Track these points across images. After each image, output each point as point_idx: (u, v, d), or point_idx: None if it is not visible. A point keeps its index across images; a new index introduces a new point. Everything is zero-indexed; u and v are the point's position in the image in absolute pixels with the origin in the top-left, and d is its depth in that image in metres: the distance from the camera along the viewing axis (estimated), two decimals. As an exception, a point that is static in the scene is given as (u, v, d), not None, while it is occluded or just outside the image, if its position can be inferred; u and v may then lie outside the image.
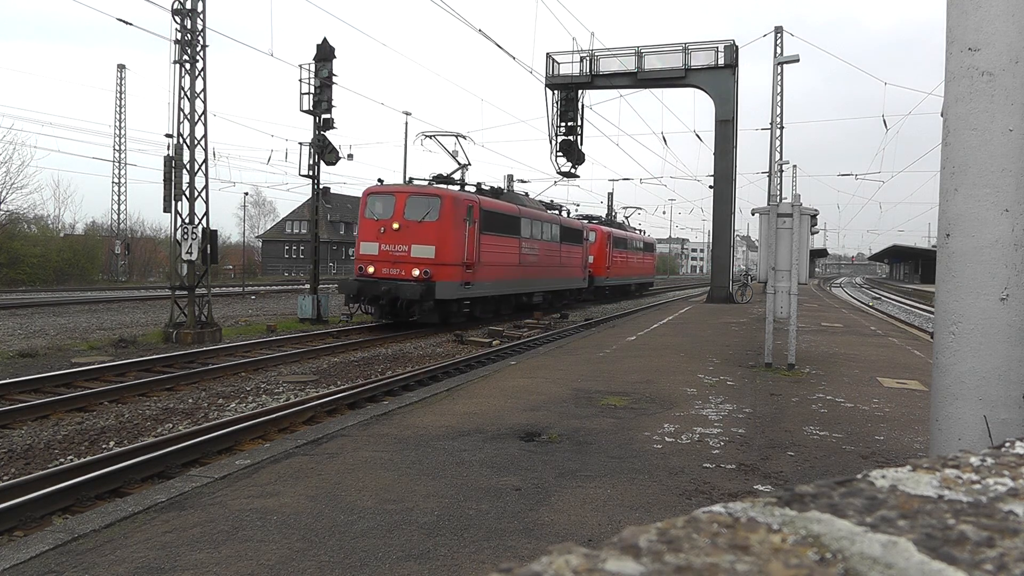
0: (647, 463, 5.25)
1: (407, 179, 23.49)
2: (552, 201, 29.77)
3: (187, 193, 16.45)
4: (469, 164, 23.03)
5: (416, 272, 18.26)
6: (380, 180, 20.48)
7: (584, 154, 30.51)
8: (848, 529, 0.54)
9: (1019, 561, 0.49)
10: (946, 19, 3.20)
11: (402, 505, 4.25)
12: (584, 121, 29.95)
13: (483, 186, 23.35)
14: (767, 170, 30.40)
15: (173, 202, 16.32)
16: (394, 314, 18.50)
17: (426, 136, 22.54)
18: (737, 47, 26.41)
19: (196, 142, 16.53)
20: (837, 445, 5.94)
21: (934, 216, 3.98)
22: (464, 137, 22.61)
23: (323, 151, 21.13)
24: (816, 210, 10.28)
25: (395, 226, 18.73)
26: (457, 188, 21.53)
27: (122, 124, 50.91)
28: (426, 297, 17.88)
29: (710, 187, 29.12)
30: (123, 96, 50.85)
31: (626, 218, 47.83)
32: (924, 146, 28.65)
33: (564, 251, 28.18)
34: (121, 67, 51.38)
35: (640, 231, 48.12)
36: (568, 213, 32.49)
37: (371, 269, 18.81)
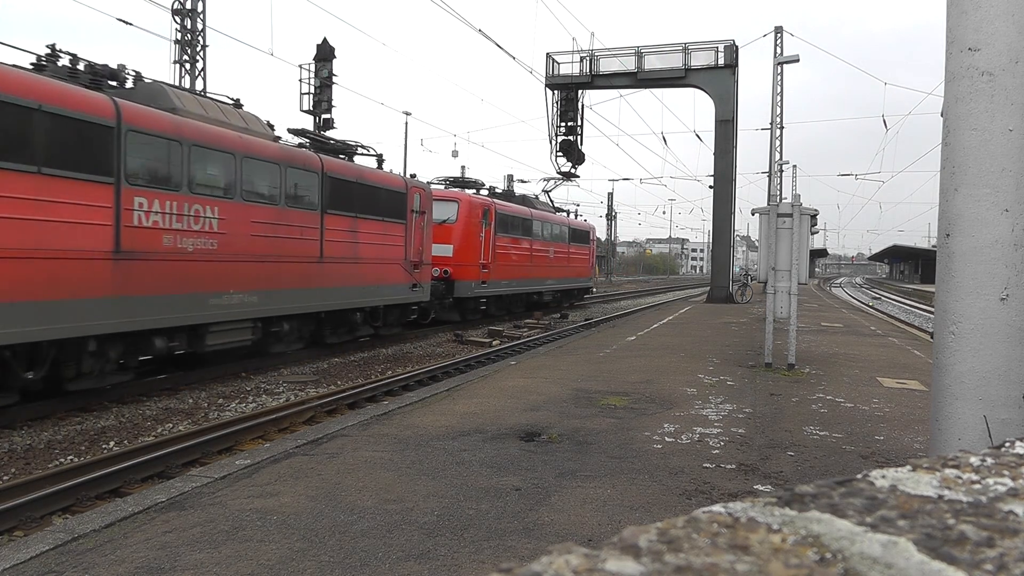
0: (647, 463, 5.25)
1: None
2: (352, 143, 15.77)
3: (187, 193, 16.39)
4: None
5: None
6: None
7: (584, 154, 30.50)
8: (848, 529, 0.54)
9: (1019, 561, 0.49)
10: (946, 19, 3.20)
11: (402, 505, 4.25)
12: (584, 121, 29.95)
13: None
14: (767, 170, 30.41)
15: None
16: None
17: None
18: (737, 47, 26.41)
19: (196, 142, 16.48)
20: (837, 445, 5.94)
21: (934, 216, 3.98)
22: None
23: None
24: (816, 210, 10.28)
25: None
26: None
27: (122, 124, 50.83)
28: None
29: (710, 187, 29.12)
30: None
31: (546, 192, 31.08)
32: (924, 146, 28.69)
33: (344, 232, 14.03)
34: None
35: (568, 212, 33.01)
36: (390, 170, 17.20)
37: None
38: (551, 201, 30.92)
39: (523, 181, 45.75)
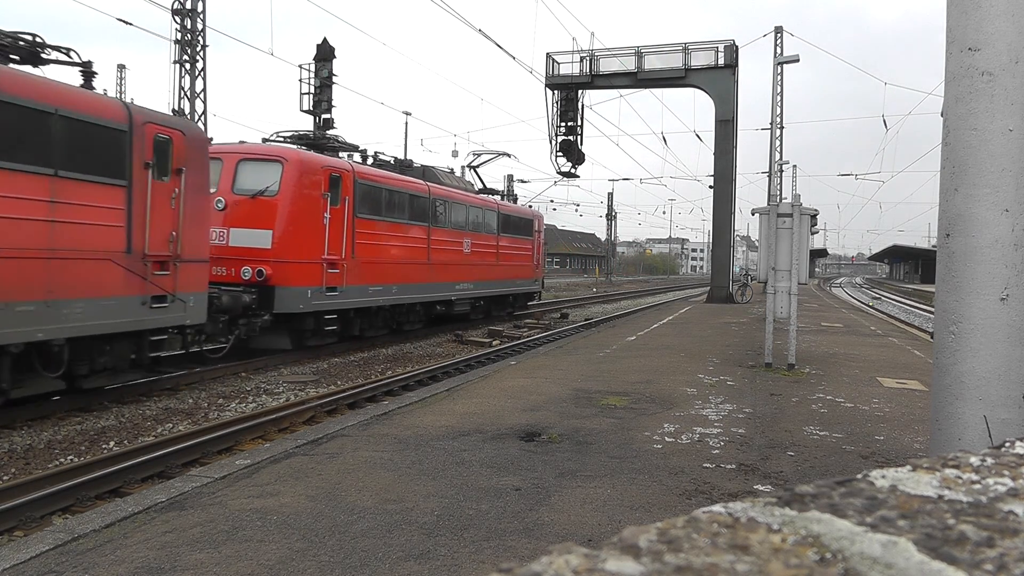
0: (647, 463, 5.25)
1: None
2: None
3: (187, 193, 16.32)
4: None
5: None
6: None
7: (584, 154, 30.52)
8: (848, 529, 0.54)
9: (1019, 561, 0.49)
10: (946, 19, 3.20)
11: (402, 505, 4.25)
12: (584, 121, 29.95)
13: None
14: (767, 170, 30.41)
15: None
16: None
17: None
18: (737, 47, 26.41)
19: (196, 142, 16.42)
20: (837, 445, 5.94)
21: (934, 216, 3.98)
22: None
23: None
24: (816, 210, 10.28)
25: None
26: None
27: (122, 124, 50.95)
28: None
29: (710, 187, 29.13)
30: (123, 96, 50.92)
31: (471, 167, 24.18)
32: (924, 146, 28.71)
33: None
34: (121, 67, 51.46)
35: (503, 195, 24.97)
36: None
37: None
38: (479, 179, 23.78)
39: (523, 181, 45.61)
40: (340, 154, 15.88)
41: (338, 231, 13.96)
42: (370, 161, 17.14)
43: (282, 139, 15.27)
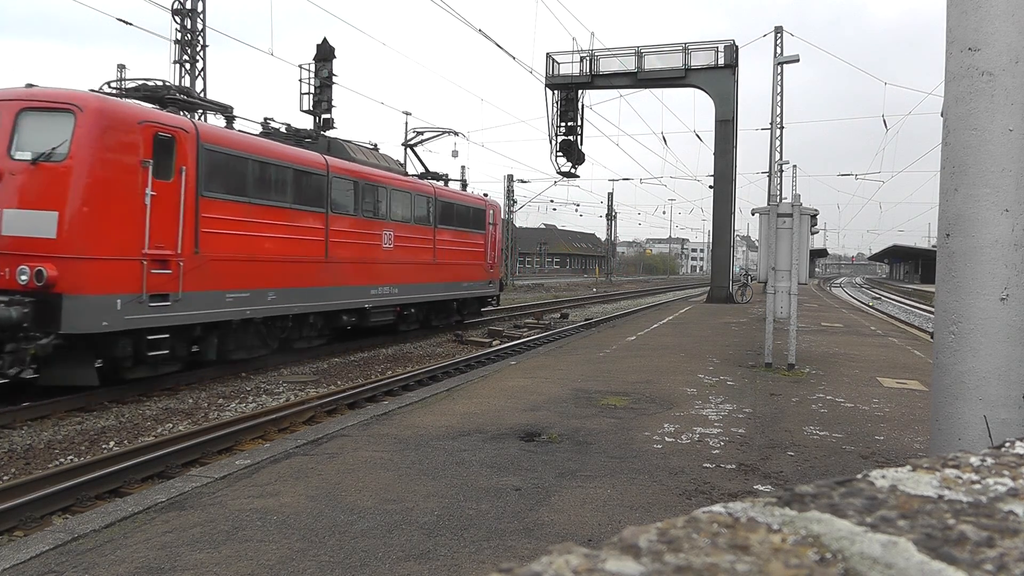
0: (647, 463, 5.25)
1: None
2: None
3: (186, 193, 16.27)
4: None
5: None
6: None
7: (584, 154, 30.51)
8: (848, 529, 0.54)
9: (1019, 561, 0.49)
10: (946, 19, 3.20)
11: (402, 505, 4.25)
12: (584, 121, 29.94)
13: None
14: (767, 170, 30.41)
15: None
16: None
17: None
18: (737, 47, 26.40)
19: (196, 142, 16.38)
20: (837, 445, 5.93)
21: (934, 216, 3.98)
22: None
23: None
24: (816, 210, 10.28)
25: None
26: None
27: (122, 124, 50.95)
28: None
29: (710, 187, 29.11)
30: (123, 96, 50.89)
31: (408, 145, 21.03)
32: (924, 146, 28.71)
33: None
34: (121, 67, 51.45)
35: (445, 179, 20.08)
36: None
37: None
38: (418, 160, 19.88)
39: (523, 181, 45.64)
40: (194, 114, 11.85)
41: (170, 215, 9.93)
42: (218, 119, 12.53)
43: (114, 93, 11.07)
